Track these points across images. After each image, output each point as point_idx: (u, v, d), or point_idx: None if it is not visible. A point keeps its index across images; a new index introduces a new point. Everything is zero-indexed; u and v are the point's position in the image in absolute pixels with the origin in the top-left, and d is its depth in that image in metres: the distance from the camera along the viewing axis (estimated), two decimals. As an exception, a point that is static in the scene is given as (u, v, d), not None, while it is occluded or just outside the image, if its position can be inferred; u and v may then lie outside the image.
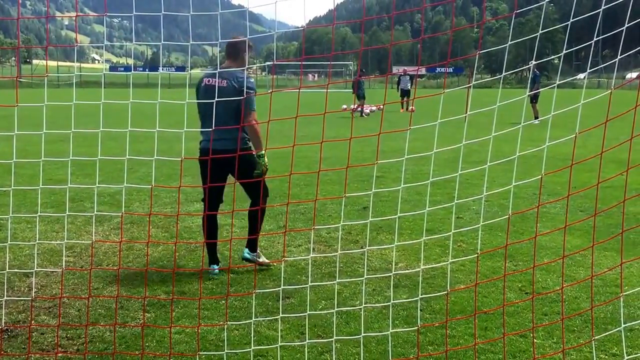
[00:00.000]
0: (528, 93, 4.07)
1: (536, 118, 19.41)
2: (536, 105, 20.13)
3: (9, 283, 4.73)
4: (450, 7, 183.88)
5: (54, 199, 7.99)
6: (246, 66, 4.83)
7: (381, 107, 25.91)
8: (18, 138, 3.50)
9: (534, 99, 20.28)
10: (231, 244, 5.12)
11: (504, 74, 3.45)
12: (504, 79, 3.98)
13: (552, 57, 57.09)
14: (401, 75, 30.37)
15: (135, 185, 8.88)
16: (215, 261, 5.16)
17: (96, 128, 3.65)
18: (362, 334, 3.55)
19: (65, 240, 5.56)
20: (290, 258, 5.46)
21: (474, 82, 5.52)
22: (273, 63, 4.36)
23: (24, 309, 4.24)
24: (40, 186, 4.90)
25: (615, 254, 5.47)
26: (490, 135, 3.18)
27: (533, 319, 3.94)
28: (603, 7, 2.90)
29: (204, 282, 4.86)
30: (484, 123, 15.87)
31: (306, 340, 3.50)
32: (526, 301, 4.28)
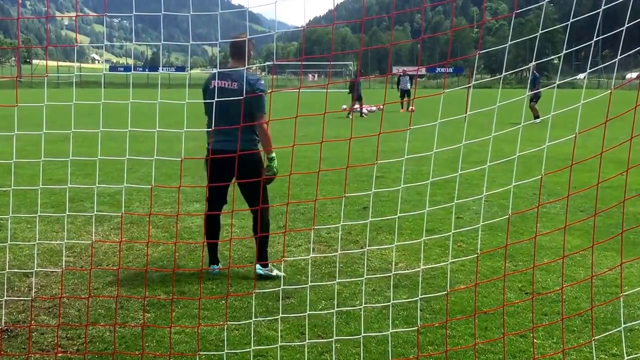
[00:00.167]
0: (527, 93, 4.07)
1: (536, 118, 19.40)
2: (535, 106, 20.10)
3: (9, 283, 4.73)
4: (450, 7, 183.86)
5: (54, 199, 7.99)
6: (246, 66, 4.82)
7: (381, 107, 25.92)
8: (18, 138, 3.50)
9: (533, 99, 20.25)
10: (231, 244, 5.13)
11: (504, 74, 3.45)
12: (504, 79, 3.99)
13: (552, 57, 57.11)
14: (401, 75, 30.39)
15: (135, 185, 8.89)
16: (216, 261, 5.16)
17: (96, 128, 3.64)
18: (362, 334, 3.55)
19: (65, 240, 5.55)
20: (290, 258, 5.47)
21: (474, 82, 5.52)
22: (273, 63, 4.36)
23: (24, 309, 4.24)
24: (40, 186, 4.90)
25: (615, 254, 5.47)
26: (490, 135, 3.19)
27: (533, 319, 3.94)
28: (603, 7, 2.90)
29: (204, 282, 4.86)
30: (484, 123, 15.91)
31: (306, 341, 3.50)
32: (526, 301, 4.28)
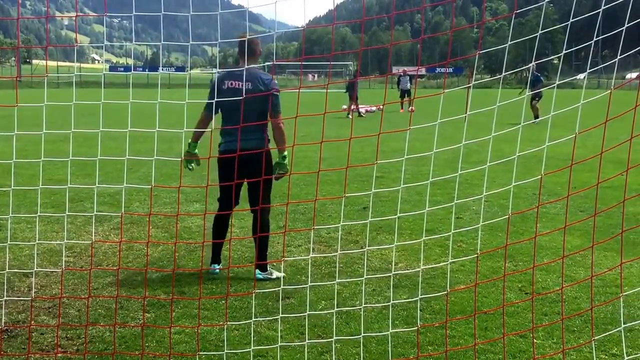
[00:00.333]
0: (527, 93, 4.08)
1: (536, 118, 19.36)
2: (537, 105, 20.01)
3: (9, 283, 4.73)
4: (450, 7, 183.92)
5: (54, 199, 7.99)
6: (245, 66, 4.81)
7: (381, 107, 25.93)
8: (18, 138, 3.50)
9: (535, 98, 20.13)
10: (231, 244, 5.13)
11: (503, 74, 3.45)
12: (503, 79, 3.98)
13: (552, 57, 57.11)
14: (401, 75, 30.41)
15: (135, 185, 8.88)
16: (218, 261, 5.16)
17: (96, 128, 3.64)
18: (362, 334, 3.55)
19: (65, 241, 5.55)
20: (290, 258, 5.47)
21: (473, 82, 5.52)
22: (273, 63, 4.35)
23: (24, 309, 4.24)
24: (40, 186, 4.89)
25: (615, 254, 5.47)
26: (490, 136, 3.19)
27: (533, 319, 3.93)
28: (603, 7, 2.90)
29: (203, 282, 4.86)
30: (484, 123, 15.89)
31: (306, 341, 3.49)
32: (526, 301, 4.28)
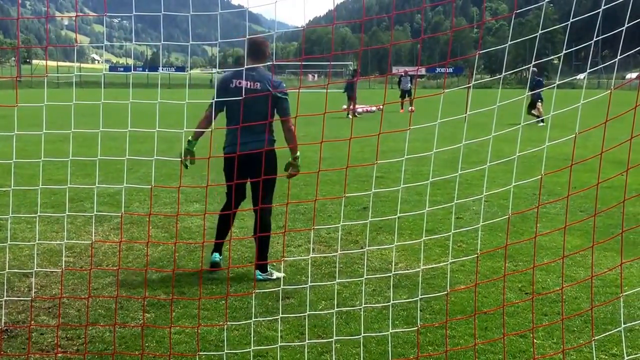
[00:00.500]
0: (527, 93, 4.08)
1: (541, 120, 19.31)
2: (541, 107, 19.84)
3: (8, 283, 4.73)
4: (450, 7, 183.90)
5: (54, 199, 7.99)
6: (245, 66, 4.82)
7: (380, 107, 25.94)
8: (18, 138, 3.50)
9: (538, 100, 19.90)
10: (231, 244, 5.13)
11: (503, 74, 3.45)
12: (503, 79, 3.99)
13: (552, 57, 57.09)
14: (402, 75, 30.43)
15: (135, 185, 8.88)
16: (219, 251, 5.19)
17: (96, 128, 3.64)
18: (362, 334, 3.55)
19: (65, 241, 5.55)
20: (290, 258, 5.47)
21: (473, 82, 5.52)
22: (272, 63, 4.35)
23: (24, 309, 4.24)
24: (40, 186, 4.89)
25: (615, 254, 5.47)
26: (490, 136, 3.18)
27: (533, 319, 3.93)
28: (603, 7, 2.90)
29: (204, 282, 4.86)
30: (484, 123, 15.89)
31: (306, 341, 3.49)
32: (526, 301, 4.28)
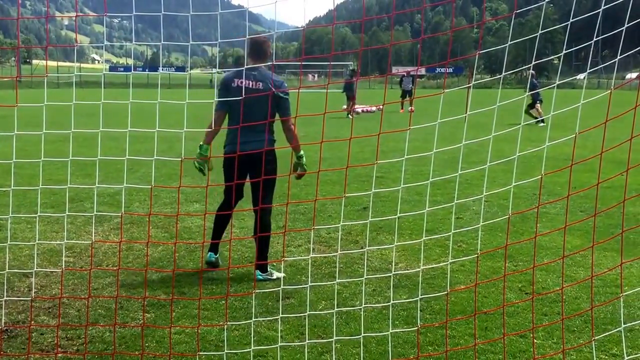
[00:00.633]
0: (527, 93, 4.08)
1: (541, 120, 19.31)
2: (540, 108, 19.85)
3: (8, 283, 4.73)
4: (450, 7, 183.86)
5: (54, 199, 7.99)
6: (245, 66, 4.82)
7: (380, 107, 25.96)
8: (18, 138, 3.50)
9: (537, 101, 19.91)
10: (231, 244, 5.13)
11: (503, 74, 3.45)
12: (503, 79, 3.99)
13: (552, 57, 57.10)
14: (404, 75, 30.47)
15: (135, 185, 8.88)
16: (215, 250, 5.20)
17: (96, 128, 3.64)
18: (362, 334, 3.55)
19: (65, 241, 5.55)
20: (290, 258, 5.47)
21: (473, 82, 5.51)
22: (272, 63, 4.35)
23: (24, 309, 4.23)
24: (40, 186, 4.90)
25: (615, 254, 5.47)
26: (490, 136, 3.19)
27: (533, 319, 3.93)
28: (603, 7, 2.90)
29: (203, 282, 4.86)
30: (484, 123, 15.90)
31: (306, 341, 3.50)
32: (526, 301, 4.28)
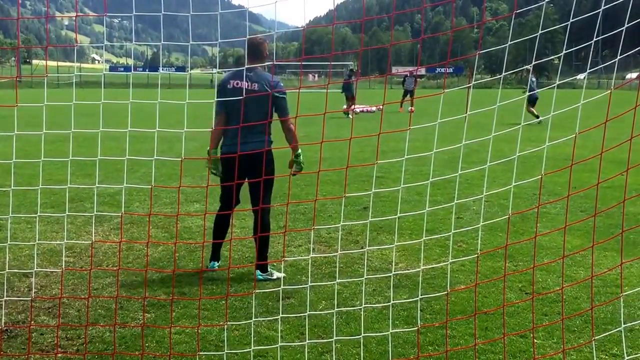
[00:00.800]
0: (527, 94, 4.08)
1: (537, 118, 19.32)
2: (531, 108, 19.92)
3: (8, 283, 4.73)
4: (450, 7, 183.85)
5: (54, 199, 7.99)
6: (245, 66, 4.82)
7: (380, 107, 25.97)
8: (18, 138, 3.51)
9: (531, 102, 19.98)
10: (231, 244, 5.13)
11: (503, 74, 3.45)
12: (504, 79, 3.99)
13: (552, 57, 57.10)
14: (407, 75, 30.58)
15: (135, 185, 8.88)
16: (216, 258, 5.20)
17: (96, 128, 3.64)
18: (362, 334, 3.55)
19: (65, 241, 5.55)
20: (290, 258, 5.47)
21: (474, 82, 5.51)
22: (273, 63, 4.35)
23: (24, 309, 4.23)
24: (40, 186, 4.90)
25: (615, 254, 5.47)
26: (490, 135, 3.19)
27: (533, 319, 3.93)
28: (603, 7, 2.90)
29: (204, 282, 4.86)
30: (484, 123, 15.90)
31: (306, 341, 3.50)
32: (526, 301, 4.28)
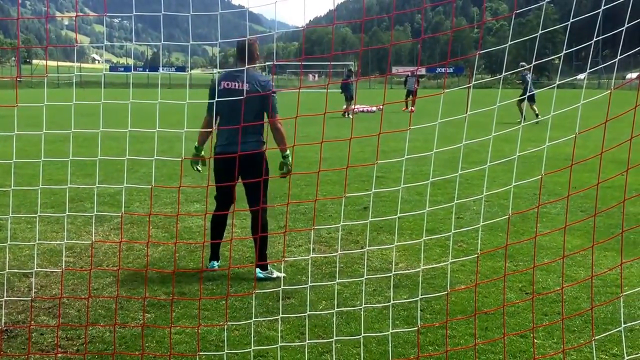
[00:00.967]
0: (528, 93, 4.08)
1: (537, 117, 19.36)
2: (523, 105, 20.04)
3: (8, 283, 4.73)
4: (450, 7, 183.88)
5: (54, 199, 7.99)
6: (251, 66, 4.82)
7: (380, 107, 25.98)
8: (18, 138, 3.51)
9: (530, 100, 20.13)
10: (231, 244, 5.13)
11: (504, 74, 3.45)
12: (504, 79, 3.98)
13: (552, 57, 57.06)
14: (408, 75, 30.66)
15: (135, 185, 8.88)
16: (217, 258, 5.21)
17: (96, 128, 3.64)
18: (363, 334, 3.55)
19: (65, 241, 5.55)
20: (290, 258, 5.46)
21: (474, 82, 5.52)
22: (273, 63, 4.34)
23: (24, 309, 4.23)
24: (40, 186, 4.89)
25: (615, 254, 5.47)
26: (490, 136, 3.18)
27: (533, 319, 3.93)
28: (603, 7, 2.90)
29: (204, 282, 4.86)
30: (484, 123, 15.90)
31: (306, 341, 3.50)
32: (526, 301, 4.28)
